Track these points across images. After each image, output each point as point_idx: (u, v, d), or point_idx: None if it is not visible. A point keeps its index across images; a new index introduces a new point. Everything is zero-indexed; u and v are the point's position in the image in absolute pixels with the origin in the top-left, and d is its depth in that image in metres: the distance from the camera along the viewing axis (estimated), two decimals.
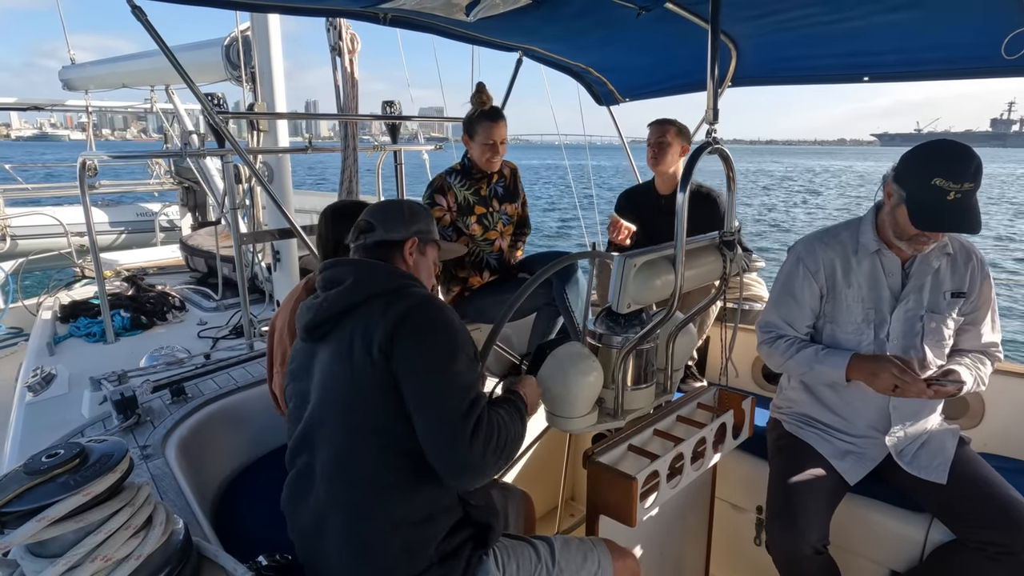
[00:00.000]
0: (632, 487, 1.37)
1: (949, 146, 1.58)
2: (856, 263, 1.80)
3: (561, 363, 1.44)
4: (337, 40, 2.84)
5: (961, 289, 1.77)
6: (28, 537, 0.68)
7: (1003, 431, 2.17)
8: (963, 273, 1.78)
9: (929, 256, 1.75)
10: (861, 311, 1.80)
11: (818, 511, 1.68)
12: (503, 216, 2.79)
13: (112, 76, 5.74)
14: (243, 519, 1.69)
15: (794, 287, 1.85)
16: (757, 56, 2.52)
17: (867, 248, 1.79)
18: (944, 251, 1.77)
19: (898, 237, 1.70)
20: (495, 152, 2.65)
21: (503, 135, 2.66)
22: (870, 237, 1.78)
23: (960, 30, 1.96)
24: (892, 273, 1.78)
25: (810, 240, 1.89)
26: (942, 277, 1.77)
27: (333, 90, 3.10)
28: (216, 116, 2.31)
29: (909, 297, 1.76)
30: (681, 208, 1.35)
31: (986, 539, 1.55)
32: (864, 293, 1.79)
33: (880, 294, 1.78)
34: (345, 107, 2.96)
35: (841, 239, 1.83)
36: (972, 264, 1.78)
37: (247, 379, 2.16)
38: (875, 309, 1.79)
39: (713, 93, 1.42)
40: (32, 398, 2.29)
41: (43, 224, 6.76)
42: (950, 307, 1.77)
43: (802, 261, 1.85)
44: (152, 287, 3.92)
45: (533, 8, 2.01)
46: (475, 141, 2.67)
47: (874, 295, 1.79)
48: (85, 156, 2.71)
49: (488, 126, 2.64)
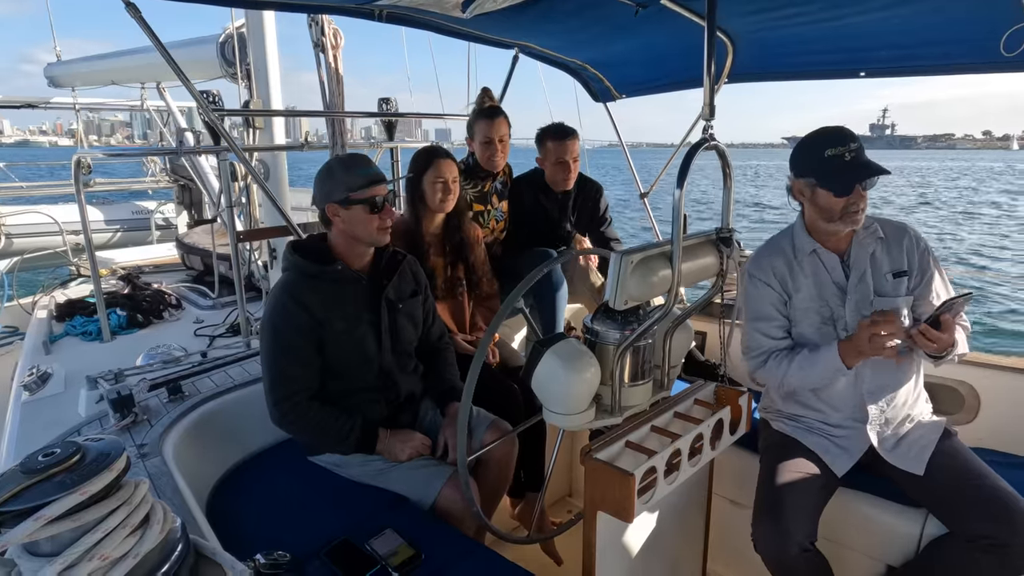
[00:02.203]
0: (630, 483, 1.38)
1: (821, 129, 1.73)
2: (799, 266, 1.86)
3: (558, 360, 1.44)
4: (320, 36, 2.81)
5: (901, 268, 1.82)
6: (25, 536, 0.68)
7: (998, 426, 2.18)
8: (899, 252, 1.82)
9: (864, 243, 1.82)
10: (816, 311, 1.85)
11: (804, 507, 1.69)
12: (497, 212, 2.80)
13: (100, 73, 5.66)
14: (241, 517, 1.69)
15: (757, 302, 1.91)
16: (754, 52, 2.52)
17: (804, 250, 1.86)
18: (875, 236, 1.83)
19: (830, 220, 1.75)
20: (495, 150, 2.65)
21: (502, 132, 2.66)
22: (804, 239, 1.86)
23: (958, 26, 1.96)
24: (833, 268, 1.84)
25: (756, 256, 1.96)
26: (879, 260, 1.82)
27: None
28: (212, 113, 2.30)
29: (855, 287, 1.82)
30: (679, 205, 1.35)
31: (977, 531, 1.57)
32: (813, 293, 1.85)
33: (827, 291, 1.84)
34: (331, 104, 2.93)
35: (781, 246, 1.90)
36: (906, 241, 1.83)
37: (244, 377, 2.16)
38: (827, 306, 1.84)
39: (710, 89, 1.43)
40: (28, 397, 2.29)
41: (38, 222, 6.72)
42: (896, 287, 1.82)
43: (754, 276, 1.91)
44: (148, 285, 3.90)
45: (529, 4, 2.01)
46: (475, 140, 2.68)
47: (822, 293, 1.84)
48: (80, 154, 2.70)
49: (486, 123, 2.64)
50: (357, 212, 1.75)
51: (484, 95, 2.88)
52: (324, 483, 1.83)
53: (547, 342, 1.48)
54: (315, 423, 1.77)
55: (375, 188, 1.77)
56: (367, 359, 1.84)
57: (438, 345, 2.10)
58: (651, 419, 1.65)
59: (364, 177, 1.76)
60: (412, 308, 1.97)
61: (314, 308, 1.74)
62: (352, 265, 1.85)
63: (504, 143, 2.68)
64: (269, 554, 1.23)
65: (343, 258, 1.83)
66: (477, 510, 1.60)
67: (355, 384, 1.84)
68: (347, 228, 1.79)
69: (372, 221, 1.77)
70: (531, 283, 1.53)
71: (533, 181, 2.88)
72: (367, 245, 1.85)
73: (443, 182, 2.26)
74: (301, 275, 1.77)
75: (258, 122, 3.34)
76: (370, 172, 1.79)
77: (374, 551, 1.50)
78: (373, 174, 1.79)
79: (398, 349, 1.92)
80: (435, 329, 2.10)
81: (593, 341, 1.54)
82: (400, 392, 1.92)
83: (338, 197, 1.75)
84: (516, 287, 1.53)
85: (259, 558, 1.21)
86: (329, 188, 1.78)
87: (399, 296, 1.93)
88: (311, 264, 1.78)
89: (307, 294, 1.74)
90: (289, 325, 1.73)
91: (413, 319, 1.98)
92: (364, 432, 1.80)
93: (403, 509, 1.72)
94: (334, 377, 1.81)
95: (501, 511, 2.18)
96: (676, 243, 1.37)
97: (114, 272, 4.45)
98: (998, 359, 2.29)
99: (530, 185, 2.87)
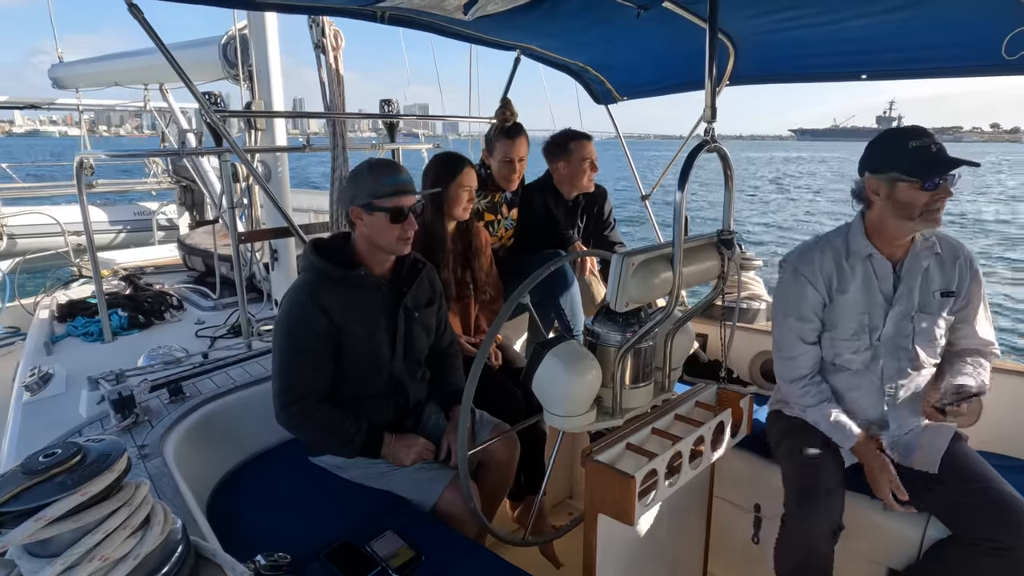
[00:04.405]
0: (631, 485, 1.37)
1: (896, 128, 1.70)
2: (849, 269, 1.81)
3: (559, 362, 1.44)
4: (320, 37, 2.81)
5: (950, 288, 1.79)
6: (26, 537, 0.68)
7: (1001, 429, 2.18)
8: (951, 272, 1.80)
9: (920, 255, 1.78)
10: (856, 317, 1.81)
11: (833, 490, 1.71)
12: (507, 222, 2.80)
13: (103, 74, 5.66)
14: (241, 518, 1.69)
15: (796, 300, 1.86)
16: (755, 55, 2.52)
17: (859, 253, 1.81)
18: (932, 250, 1.79)
19: (908, 218, 1.67)
20: (513, 170, 2.65)
21: (522, 152, 2.66)
22: (861, 242, 1.80)
23: (960, 29, 1.96)
24: (884, 277, 1.80)
25: (803, 250, 1.89)
26: (931, 276, 1.79)
27: None
28: (214, 115, 2.30)
29: (901, 300, 1.79)
30: (680, 207, 1.35)
31: (982, 535, 1.56)
32: (858, 298, 1.81)
33: (873, 299, 1.80)
34: (332, 105, 2.93)
35: (834, 245, 1.85)
36: (960, 262, 1.80)
37: (245, 378, 2.16)
38: (869, 314, 1.81)
39: (711, 92, 1.42)
40: (29, 397, 2.29)
41: (40, 223, 6.72)
42: (940, 306, 1.79)
43: (800, 272, 1.85)
44: (150, 286, 3.90)
45: (531, 6, 2.01)
46: (494, 157, 2.68)
47: (868, 300, 1.80)
48: (82, 155, 2.70)
49: (506, 143, 2.64)
50: (379, 219, 1.73)
51: (505, 109, 2.88)
52: (325, 484, 1.83)
53: (548, 344, 1.48)
54: (322, 425, 1.77)
55: (400, 198, 1.74)
56: (378, 365, 1.83)
57: (447, 352, 2.10)
58: (652, 421, 1.65)
59: (391, 186, 1.73)
60: (427, 317, 1.96)
61: (333, 312, 1.72)
62: (374, 270, 1.83)
63: (523, 163, 2.68)
64: (269, 555, 1.23)
65: (365, 263, 1.81)
66: (477, 512, 1.60)
67: (364, 389, 1.84)
68: (368, 233, 1.77)
69: (393, 230, 1.74)
70: (534, 283, 1.53)
71: (543, 187, 2.90)
72: (386, 253, 1.83)
73: (468, 189, 2.28)
74: (322, 277, 1.75)
75: (260, 123, 3.34)
76: (397, 181, 1.75)
77: (374, 553, 1.50)
78: (400, 184, 1.75)
79: (410, 357, 1.91)
80: (446, 337, 2.09)
81: (594, 343, 1.54)
82: (409, 399, 1.92)
83: (362, 201, 1.73)
84: (519, 287, 1.53)
85: (259, 559, 1.21)
86: (355, 191, 1.76)
87: (416, 304, 1.91)
88: (333, 267, 1.75)
89: (327, 297, 1.72)
90: (306, 327, 1.71)
91: (427, 328, 1.97)
92: (369, 436, 1.80)
93: (404, 511, 1.72)
94: (345, 381, 1.81)
95: (502, 514, 2.18)
96: (677, 245, 1.37)
97: (116, 273, 4.45)
98: (1000, 362, 2.28)
99: (540, 191, 2.88)
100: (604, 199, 3.03)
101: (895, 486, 1.69)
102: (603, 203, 3.02)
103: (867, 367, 1.84)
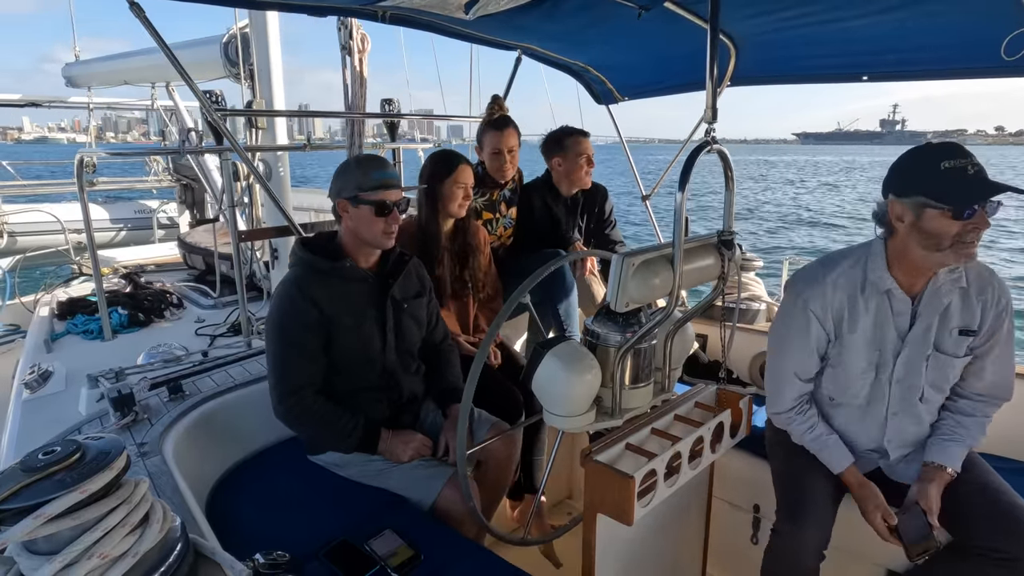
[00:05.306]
0: (630, 486, 1.38)
1: (927, 144, 1.49)
2: (863, 303, 1.64)
3: (559, 362, 1.44)
4: (348, 40, 2.86)
5: (970, 326, 1.61)
6: (25, 534, 0.68)
7: (1001, 431, 2.17)
8: (975, 307, 1.61)
9: (942, 291, 1.60)
10: (865, 355, 1.67)
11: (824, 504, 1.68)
12: (506, 220, 2.80)
13: (114, 73, 5.74)
14: (240, 517, 1.69)
15: (800, 336, 1.71)
16: (756, 55, 2.52)
17: (876, 286, 1.63)
18: (958, 284, 1.61)
19: (936, 249, 1.47)
20: (504, 161, 2.66)
21: (511, 143, 2.67)
22: (882, 274, 1.61)
23: (959, 31, 1.96)
24: (900, 314, 1.63)
25: (813, 280, 1.69)
26: (951, 313, 1.62)
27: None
28: (214, 113, 2.30)
29: (916, 339, 1.63)
30: (680, 208, 1.35)
31: (990, 545, 1.54)
32: (869, 336, 1.66)
33: (886, 335, 1.65)
34: (353, 105, 2.96)
35: (849, 275, 1.66)
36: (988, 295, 1.61)
37: (245, 377, 2.16)
38: (880, 351, 1.66)
39: (712, 92, 1.42)
40: (29, 395, 2.29)
41: (41, 221, 6.73)
42: (957, 345, 1.63)
43: (808, 307, 1.68)
44: (150, 284, 3.91)
45: (532, 6, 2.00)
46: (485, 151, 2.69)
47: (879, 336, 1.65)
48: (83, 153, 2.70)
49: (494, 135, 2.65)
50: (364, 212, 1.78)
51: (494, 104, 2.90)
52: (324, 483, 1.83)
53: (548, 344, 1.48)
54: (319, 418, 1.78)
55: (385, 192, 1.78)
56: (370, 358, 1.85)
57: (441, 347, 2.10)
58: (651, 421, 1.65)
59: (376, 179, 1.78)
60: (416, 309, 1.98)
61: (322, 303, 1.75)
62: (360, 263, 1.87)
63: (513, 153, 2.69)
64: (268, 554, 1.23)
65: (351, 255, 1.86)
66: (476, 511, 1.60)
67: (358, 383, 1.85)
68: (354, 226, 1.81)
69: (377, 223, 1.79)
70: (534, 282, 1.53)
71: (543, 186, 2.91)
72: (371, 247, 1.86)
73: (463, 187, 2.28)
74: (309, 270, 1.79)
75: (261, 122, 3.35)
76: (383, 175, 1.80)
77: (373, 551, 1.50)
78: (386, 178, 1.80)
79: (402, 348, 1.93)
80: (438, 331, 2.10)
81: (594, 343, 1.54)
82: (403, 392, 1.93)
83: (348, 194, 1.78)
84: (519, 287, 1.53)
85: (258, 558, 1.21)
86: (342, 184, 1.80)
87: (404, 296, 1.94)
88: (320, 260, 1.80)
89: (315, 289, 1.76)
90: (296, 320, 1.74)
91: (417, 320, 1.99)
92: (367, 431, 1.81)
93: (403, 510, 1.72)
94: (337, 373, 1.82)
95: (501, 513, 2.18)
96: (677, 246, 1.37)
97: (116, 271, 4.45)
98: None
99: (540, 190, 2.89)
100: (604, 198, 3.04)
101: (886, 514, 1.63)
102: (603, 202, 3.03)
103: (870, 403, 1.74)
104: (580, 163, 2.80)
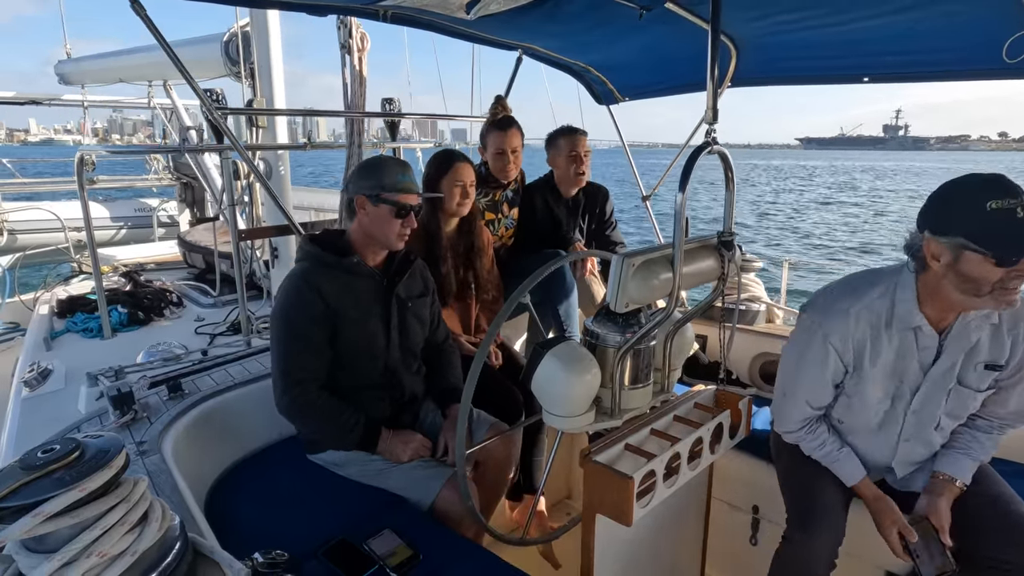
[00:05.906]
0: (629, 486, 1.38)
1: (973, 176, 1.37)
2: (887, 337, 1.55)
3: (559, 362, 1.44)
4: (347, 38, 2.86)
5: (998, 361, 1.54)
6: (23, 532, 0.68)
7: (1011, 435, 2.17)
8: (1004, 342, 1.53)
9: (971, 326, 1.52)
10: (883, 386, 1.60)
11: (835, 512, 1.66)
12: (508, 221, 2.81)
13: (109, 71, 5.71)
14: (239, 516, 1.69)
15: (821, 367, 1.62)
16: (757, 56, 2.53)
17: (904, 322, 1.52)
18: (989, 320, 1.52)
19: (975, 295, 1.36)
20: (507, 161, 2.66)
21: (514, 143, 2.67)
22: (910, 309, 1.51)
23: (961, 33, 1.96)
24: (926, 349, 1.55)
25: (836, 311, 1.58)
26: (980, 348, 1.54)
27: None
28: (215, 112, 2.30)
29: (939, 375, 1.57)
30: (681, 208, 1.35)
31: (1001, 557, 1.53)
32: (890, 369, 1.58)
33: (908, 367, 1.57)
34: (352, 105, 2.96)
35: (874, 308, 1.55)
36: (1018, 331, 1.53)
37: (244, 375, 2.16)
38: (899, 384, 1.60)
39: (713, 93, 1.43)
40: (28, 393, 2.29)
41: (40, 219, 6.72)
42: (981, 379, 1.56)
43: (829, 340, 1.58)
44: (150, 283, 3.90)
45: (533, 6, 2.00)
46: (488, 151, 2.69)
47: (900, 368, 1.58)
48: (83, 151, 2.70)
49: (498, 135, 2.66)
50: (383, 211, 1.79)
51: (497, 104, 2.90)
52: (323, 482, 1.83)
53: (547, 344, 1.48)
54: (322, 412, 1.78)
55: (407, 196, 1.81)
56: (373, 355, 1.86)
57: (443, 347, 2.11)
58: (651, 422, 1.65)
59: (401, 182, 1.81)
60: (420, 308, 1.99)
61: (329, 297, 1.76)
62: (367, 260, 1.88)
63: (516, 154, 2.69)
64: (267, 553, 1.23)
65: (359, 252, 1.87)
66: (475, 511, 1.60)
67: (361, 380, 1.85)
68: (369, 224, 1.82)
69: (394, 224, 1.81)
70: (534, 283, 1.53)
71: (544, 187, 2.92)
72: (381, 246, 1.88)
73: (461, 185, 2.27)
74: (317, 263, 1.80)
75: (261, 121, 3.35)
76: (408, 179, 1.84)
77: (372, 551, 1.50)
78: (409, 183, 1.84)
79: (405, 347, 1.93)
80: (440, 331, 2.11)
81: (594, 343, 1.54)
82: (404, 391, 1.93)
83: (370, 191, 1.79)
84: (519, 286, 1.53)
85: (257, 557, 1.21)
86: (366, 180, 1.82)
87: (409, 295, 1.95)
88: (328, 254, 1.81)
89: (322, 282, 1.77)
90: (303, 313, 1.75)
91: (421, 319, 1.99)
92: (367, 429, 1.81)
93: (402, 509, 1.72)
94: (340, 368, 1.82)
95: (500, 513, 2.18)
96: (677, 246, 1.37)
97: (116, 269, 4.45)
98: None
99: (541, 191, 2.90)
100: (605, 198, 3.04)
101: (904, 529, 1.57)
102: (604, 202, 3.04)
103: (881, 428, 1.69)
104: (572, 159, 2.80)
